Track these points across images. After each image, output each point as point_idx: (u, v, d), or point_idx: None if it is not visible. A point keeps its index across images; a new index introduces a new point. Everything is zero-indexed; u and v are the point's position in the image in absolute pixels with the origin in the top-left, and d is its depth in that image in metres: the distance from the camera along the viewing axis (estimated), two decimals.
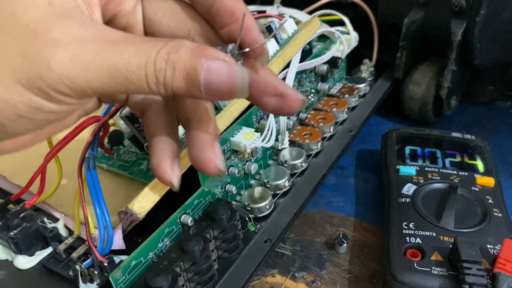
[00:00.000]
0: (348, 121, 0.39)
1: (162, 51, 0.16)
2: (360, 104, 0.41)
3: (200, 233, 0.25)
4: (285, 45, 0.33)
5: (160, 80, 0.16)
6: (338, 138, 0.36)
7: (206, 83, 0.16)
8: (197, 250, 0.24)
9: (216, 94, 0.17)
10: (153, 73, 0.16)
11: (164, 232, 0.25)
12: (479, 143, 0.34)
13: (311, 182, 0.32)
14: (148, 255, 0.24)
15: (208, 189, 0.28)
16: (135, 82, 0.16)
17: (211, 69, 0.16)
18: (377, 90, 0.43)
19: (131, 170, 0.31)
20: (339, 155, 0.35)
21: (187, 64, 0.16)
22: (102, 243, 0.25)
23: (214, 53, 0.17)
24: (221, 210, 0.26)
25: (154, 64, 0.16)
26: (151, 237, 0.24)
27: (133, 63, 0.16)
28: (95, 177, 0.25)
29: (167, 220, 0.25)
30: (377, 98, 0.41)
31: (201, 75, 0.16)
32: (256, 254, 0.27)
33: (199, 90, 0.16)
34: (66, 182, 0.33)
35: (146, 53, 0.16)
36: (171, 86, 0.17)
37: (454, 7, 0.35)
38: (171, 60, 0.16)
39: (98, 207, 0.24)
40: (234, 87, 0.17)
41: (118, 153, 0.33)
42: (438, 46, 0.39)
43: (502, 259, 0.23)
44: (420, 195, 0.30)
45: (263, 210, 0.29)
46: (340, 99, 0.40)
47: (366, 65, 0.45)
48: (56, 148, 0.27)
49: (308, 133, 0.35)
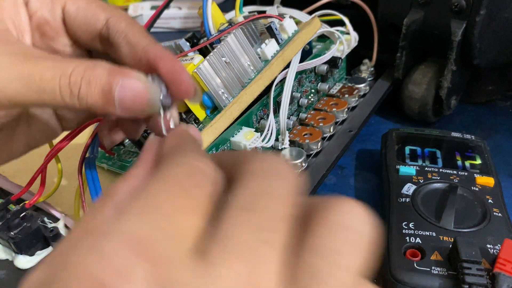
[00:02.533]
0: (348, 121, 0.39)
1: (78, 68, 0.17)
2: (360, 104, 0.41)
3: None
4: (285, 45, 0.33)
5: (74, 93, 0.17)
6: (338, 138, 0.36)
7: (120, 98, 0.17)
8: None
9: (130, 109, 0.18)
10: (67, 85, 0.17)
11: None
12: (479, 143, 0.34)
13: (311, 182, 0.32)
14: None
15: None
16: (48, 92, 0.17)
17: (125, 85, 0.17)
18: (377, 90, 0.43)
19: None
20: (339, 155, 0.35)
21: (103, 81, 0.17)
22: None
23: (129, 71, 0.18)
24: None
25: (69, 77, 0.17)
26: None
27: (48, 73, 0.17)
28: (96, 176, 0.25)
29: None
30: (377, 98, 0.41)
31: (115, 91, 0.17)
32: None
33: (113, 105, 0.17)
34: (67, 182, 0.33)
35: (62, 67, 0.17)
36: (86, 100, 0.17)
37: (454, 7, 0.35)
38: (87, 76, 0.17)
39: None
40: (146, 103, 0.18)
41: (119, 153, 0.33)
42: (438, 46, 0.39)
43: (502, 259, 0.23)
44: (420, 195, 0.30)
45: None
46: (340, 99, 0.40)
47: (366, 65, 0.45)
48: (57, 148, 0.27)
49: (308, 133, 0.36)
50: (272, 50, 0.33)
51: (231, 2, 0.36)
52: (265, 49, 0.32)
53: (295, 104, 0.37)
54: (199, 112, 0.30)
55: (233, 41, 0.30)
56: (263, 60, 0.33)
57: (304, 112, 0.38)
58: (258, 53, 0.33)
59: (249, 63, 0.31)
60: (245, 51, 0.31)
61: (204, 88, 0.29)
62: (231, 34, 0.30)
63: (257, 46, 0.33)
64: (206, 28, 0.33)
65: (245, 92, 0.30)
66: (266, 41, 0.33)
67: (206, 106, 0.30)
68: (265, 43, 0.33)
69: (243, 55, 0.31)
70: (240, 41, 0.31)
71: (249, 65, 0.31)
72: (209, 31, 0.34)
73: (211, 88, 0.29)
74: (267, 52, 0.32)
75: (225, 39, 0.30)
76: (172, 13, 0.70)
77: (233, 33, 0.30)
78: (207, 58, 0.29)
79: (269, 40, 0.33)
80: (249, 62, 0.31)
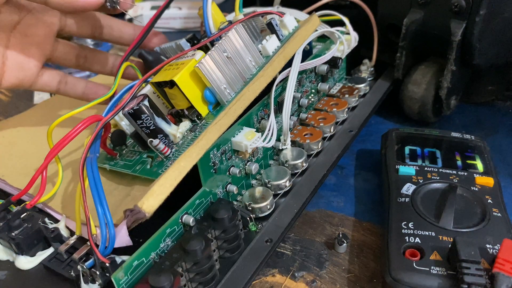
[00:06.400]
0: (348, 121, 0.39)
1: None
2: (360, 104, 0.41)
3: (202, 233, 0.25)
4: (285, 42, 0.33)
5: None
6: (338, 138, 0.37)
7: None
8: (199, 250, 0.24)
9: None
10: None
11: (165, 232, 0.25)
12: (479, 143, 0.34)
13: (312, 182, 0.32)
14: (150, 255, 0.24)
15: (209, 189, 0.28)
16: None
17: None
18: (377, 90, 0.43)
19: (134, 169, 0.31)
20: (339, 155, 0.35)
21: None
22: (104, 243, 0.25)
23: None
24: (222, 210, 0.26)
25: None
26: (153, 237, 0.24)
27: None
28: (97, 176, 0.25)
29: (168, 221, 0.25)
30: (377, 98, 0.41)
31: None
32: (257, 254, 0.27)
33: None
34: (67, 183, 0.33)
35: None
36: None
37: (454, 7, 0.35)
38: None
39: (100, 206, 0.24)
40: None
41: (121, 153, 0.33)
42: (437, 46, 0.39)
43: (501, 259, 0.23)
44: (419, 195, 0.30)
45: (264, 210, 0.30)
46: (340, 99, 0.40)
47: (366, 65, 0.45)
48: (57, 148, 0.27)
49: (309, 133, 0.36)
50: (273, 46, 0.33)
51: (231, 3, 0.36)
52: (266, 45, 0.32)
53: (295, 104, 0.37)
54: (202, 108, 0.30)
55: (234, 36, 0.30)
56: (264, 56, 0.33)
57: (305, 112, 0.38)
58: (259, 49, 0.32)
59: (251, 59, 0.31)
60: (247, 46, 0.31)
61: (206, 83, 0.29)
62: (232, 30, 0.30)
63: (258, 42, 0.33)
64: (206, 27, 0.33)
65: (248, 89, 0.30)
66: (267, 37, 0.33)
67: (209, 102, 0.30)
68: (266, 39, 0.33)
69: (244, 51, 0.31)
70: (242, 36, 0.30)
71: (251, 61, 0.31)
72: (209, 30, 0.34)
73: (213, 83, 0.29)
74: (268, 48, 0.32)
75: (226, 34, 0.30)
76: (172, 13, 0.70)
77: (235, 28, 0.30)
78: (209, 53, 0.29)
79: (270, 36, 0.33)
80: (250, 58, 0.31)
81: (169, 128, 0.29)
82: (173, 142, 0.30)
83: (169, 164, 0.28)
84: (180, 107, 0.30)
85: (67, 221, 0.30)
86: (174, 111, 0.31)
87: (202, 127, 0.29)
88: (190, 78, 0.29)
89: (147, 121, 0.28)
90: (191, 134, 0.30)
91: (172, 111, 0.31)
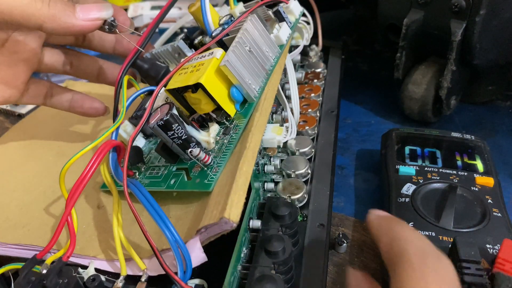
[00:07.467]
0: (325, 103, 0.41)
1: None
2: (326, 86, 0.43)
3: (276, 232, 0.26)
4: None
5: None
6: (324, 120, 0.39)
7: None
8: (281, 250, 0.24)
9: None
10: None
11: (242, 241, 0.25)
12: (479, 143, 0.34)
13: (327, 163, 0.34)
14: (238, 267, 0.24)
15: (256, 190, 0.29)
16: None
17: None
18: (333, 69, 0.46)
19: (168, 184, 0.28)
20: (335, 134, 0.37)
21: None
22: (182, 268, 0.22)
23: None
24: (283, 207, 0.27)
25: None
26: (236, 250, 0.24)
27: None
28: (151, 198, 0.23)
29: (240, 229, 0.25)
30: (337, 76, 0.45)
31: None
32: (317, 240, 0.28)
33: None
34: (80, 221, 0.28)
35: None
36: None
37: (454, 7, 0.35)
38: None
39: (166, 229, 0.22)
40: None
41: (140, 171, 0.30)
42: (438, 46, 0.39)
43: (501, 259, 0.23)
44: (419, 195, 0.30)
45: (301, 199, 0.31)
46: (311, 85, 0.42)
47: (314, 51, 0.47)
48: (77, 189, 0.24)
49: (302, 121, 0.37)
50: (286, 33, 0.33)
51: None
52: (279, 33, 0.32)
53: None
54: (229, 108, 0.28)
55: (251, 28, 0.29)
56: (278, 45, 0.32)
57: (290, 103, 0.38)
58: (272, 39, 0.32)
59: (268, 50, 0.30)
60: (263, 37, 0.30)
61: (233, 80, 0.27)
62: (247, 21, 0.29)
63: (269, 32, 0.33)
64: (206, 25, 0.33)
65: (269, 88, 0.30)
66: (276, 26, 0.32)
67: (236, 100, 0.28)
68: (276, 28, 0.32)
69: (261, 42, 0.30)
70: (257, 28, 0.30)
71: (268, 52, 0.30)
72: (209, 28, 0.33)
73: (240, 80, 0.27)
74: (281, 36, 0.32)
75: (243, 27, 0.29)
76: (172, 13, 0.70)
77: (250, 20, 0.29)
78: (232, 49, 0.27)
79: (279, 24, 0.33)
80: (267, 49, 0.30)
81: (200, 135, 0.28)
82: (207, 148, 0.28)
83: (213, 172, 0.26)
84: (204, 111, 0.28)
85: (96, 263, 0.27)
86: (196, 117, 0.29)
87: (237, 128, 0.28)
88: (216, 78, 0.27)
89: (179, 130, 0.26)
90: (226, 137, 0.28)
91: (194, 116, 0.30)
